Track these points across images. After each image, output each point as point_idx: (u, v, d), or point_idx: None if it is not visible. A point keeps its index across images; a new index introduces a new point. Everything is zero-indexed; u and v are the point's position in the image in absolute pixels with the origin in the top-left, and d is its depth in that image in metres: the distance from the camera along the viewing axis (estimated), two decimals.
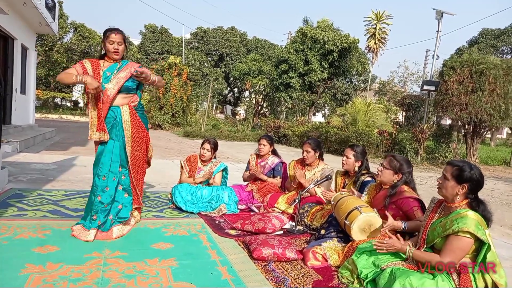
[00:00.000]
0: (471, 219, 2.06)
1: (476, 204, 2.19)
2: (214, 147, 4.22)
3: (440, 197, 2.37)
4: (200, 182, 4.16)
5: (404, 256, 2.38)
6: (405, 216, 2.78)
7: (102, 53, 3.09)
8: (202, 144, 4.21)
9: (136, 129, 3.13)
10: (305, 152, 4.00)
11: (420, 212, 2.71)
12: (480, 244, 2.10)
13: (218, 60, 35.09)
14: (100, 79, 2.96)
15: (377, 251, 2.31)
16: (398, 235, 2.43)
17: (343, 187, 3.70)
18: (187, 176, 4.22)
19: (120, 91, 3.03)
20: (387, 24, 26.87)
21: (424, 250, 2.26)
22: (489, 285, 2.08)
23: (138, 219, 3.31)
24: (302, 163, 4.14)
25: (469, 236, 2.05)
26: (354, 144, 3.87)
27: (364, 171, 3.57)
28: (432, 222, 2.29)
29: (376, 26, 26.39)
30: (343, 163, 3.63)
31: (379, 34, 26.35)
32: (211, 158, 4.25)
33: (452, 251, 2.08)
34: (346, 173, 3.77)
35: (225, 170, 4.31)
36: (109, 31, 3.00)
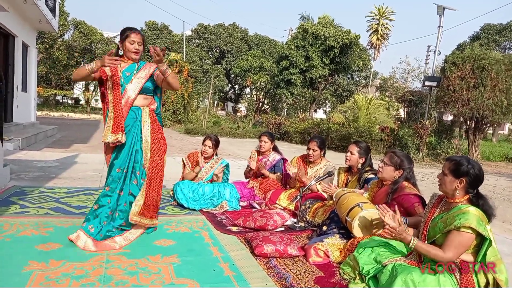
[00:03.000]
0: (472, 214, 2.06)
1: (477, 199, 2.19)
2: (216, 144, 4.23)
3: (441, 193, 2.37)
4: (201, 178, 4.17)
5: (405, 252, 2.39)
6: (406, 212, 2.78)
7: (120, 53, 2.96)
8: (204, 141, 4.22)
9: (156, 133, 3.00)
10: (310, 150, 3.99)
11: (421, 208, 2.71)
12: (481, 239, 2.10)
13: (219, 56, 35.01)
14: (119, 79, 2.87)
15: (385, 234, 2.33)
16: (410, 228, 2.46)
17: (346, 184, 3.70)
18: (189, 172, 4.23)
19: (140, 92, 2.94)
20: (389, 20, 26.74)
21: None
22: (491, 281, 2.08)
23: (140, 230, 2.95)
24: (305, 159, 4.15)
25: (470, 231, 2.05)
26: (358, 140, 3.87)
27: (367, 168, 3.57)
28: (433, 217, 2.30)
29: (379, 21, 26.25)
30: (346, 159, 3.63)
31: (381, 30, 26.22)
32: (212, 155, 4.26)
33: (453, 246, 2.08)
34: (349, 170, 3.76)
35: (226, 167, 4.32)
36: (129, 30, 2.92)
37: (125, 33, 2.90)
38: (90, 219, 2.79)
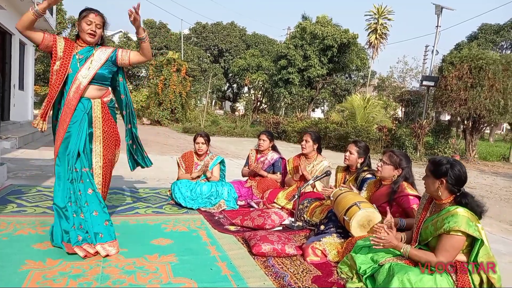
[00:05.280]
0: (461, 216, 2.06)
1: (462, 199, 2.18)
2: (208, 139, 4.23)
3: None
4: (198, 177, 4.16)
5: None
6: (404, 213, 2.78)
7: (76, 34, 2.70)
8: (195, 139, 4.20)
9: (108, 128, 2.81)
10: (304, 141, 4.06)
11: None
12: (473, 239, 2.11)
13: (217, 55, 34.94)
14: (69, 63, 2.61)
15: (373, 247, 2.31)
16: (398, 232, 2.44)
17: (344, 183, 3.70)
18: (184, 173, 4.23)
19: (93, 80, 2.67)
20: (388, 19, 26.75)
21: (418, 248, 2.27)
22: (484, 280, 2.09)
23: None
24: (300, 157, 4.18)
25: (460, 234, 2.06)
26: (357, 140, 3.87)
27: (365, 168, 3.57)
28: (424, 220, 2.30)
29: (378, 21, 26.25)
30: (345, 159, 3.63)
31: (380, 29, 26.22)
32: (206, 151, 4.26)
33: (446, 250, 2.09)
34: (346, 169, 3.77)
35: (222, 163, 4.31)
36: (87, 10, 2.64)
37: (82, 13, 2.64)
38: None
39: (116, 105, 3.02)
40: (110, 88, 2.93)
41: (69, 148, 2.61)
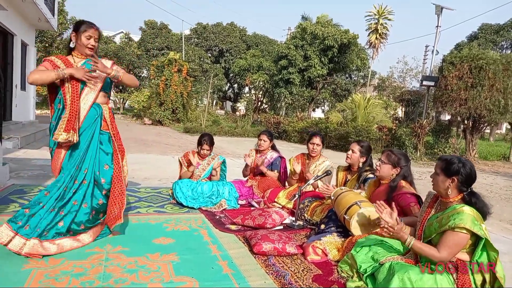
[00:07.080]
0: (467, 214, 2.07)
1: (471, 198, 2.20)
2: (212, 143, 4.25)
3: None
4: (199, 176, 4.18)
5: (402, 251, 2.41)
6: (402, 211, 2.80)
7: (72, 46, 2.79)
8: (202, 145, 4.18)
9: (115, 133, 2.95)
10: (314, 145, 4.07)
11: (417, 208, 2.73)
12: (476, 238, 2.12)
13: (218, 56, 34.96)
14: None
15: (382, 232, 2.32)
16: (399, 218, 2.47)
17: (345, 183, 3.72)
18: (186, 171, 4.24)
19: (102, 88, 2.84)
20: (388, 19, 26.74)
21: None
22: (487, 279, 2.10)
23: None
24: (302, 157, 4.19)
25: (465, 231, 2.06)
26: (361, 139, 3.89)
27: (367, 168, 3.58)
28: (428, 217, 2.31)
29: (378, 21, 26.25)
30: (347, 157, 3.65)
31: (380, 29, 26.22)
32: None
33: (448, 246, 2.10)
34: (348, 169, 3.78)
35: (223, 162, 4.33)
36: (86, 25, 2.77)
37: (82, 26, 2.75)
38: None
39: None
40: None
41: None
